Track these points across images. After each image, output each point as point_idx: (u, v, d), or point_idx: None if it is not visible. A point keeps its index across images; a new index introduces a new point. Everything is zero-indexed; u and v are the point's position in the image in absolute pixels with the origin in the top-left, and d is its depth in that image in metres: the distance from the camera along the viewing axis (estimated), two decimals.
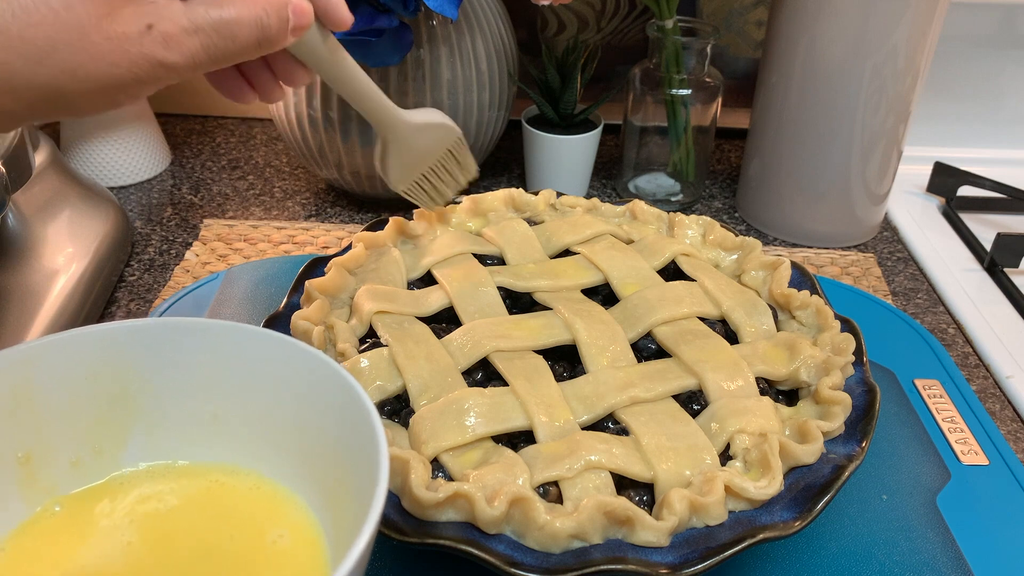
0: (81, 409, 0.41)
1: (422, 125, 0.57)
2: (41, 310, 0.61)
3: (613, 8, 0.98)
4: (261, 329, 0.41)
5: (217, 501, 0.41)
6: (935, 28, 0.73)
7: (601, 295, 0.57)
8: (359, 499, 0.34)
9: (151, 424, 0.42)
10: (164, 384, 0.42)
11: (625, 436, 0.45)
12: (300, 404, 0.40)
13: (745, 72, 1.01)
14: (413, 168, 0.59)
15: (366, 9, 0.66)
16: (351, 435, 0.37)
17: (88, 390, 0.41)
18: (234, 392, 0.42)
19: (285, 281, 0.69)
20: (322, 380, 0.39)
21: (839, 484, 0.43)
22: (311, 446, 0.40)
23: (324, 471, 0.39)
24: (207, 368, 0.41)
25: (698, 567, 0.39)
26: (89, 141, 0.86)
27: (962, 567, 0.48)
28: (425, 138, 0.58)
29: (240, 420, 0.42)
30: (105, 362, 0.41)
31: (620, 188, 0.91)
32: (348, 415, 0.37)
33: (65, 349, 0.40)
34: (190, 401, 0.42)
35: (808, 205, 0.82)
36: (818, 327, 0.54)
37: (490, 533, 0.40)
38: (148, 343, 0.41)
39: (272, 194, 0.89)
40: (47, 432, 0.40)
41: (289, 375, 0.40)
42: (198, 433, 0.42)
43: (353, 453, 0.37)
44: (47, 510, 0.40)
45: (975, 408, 0.60)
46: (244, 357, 0.41)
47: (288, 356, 0.40)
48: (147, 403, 0.42)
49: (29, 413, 0.39)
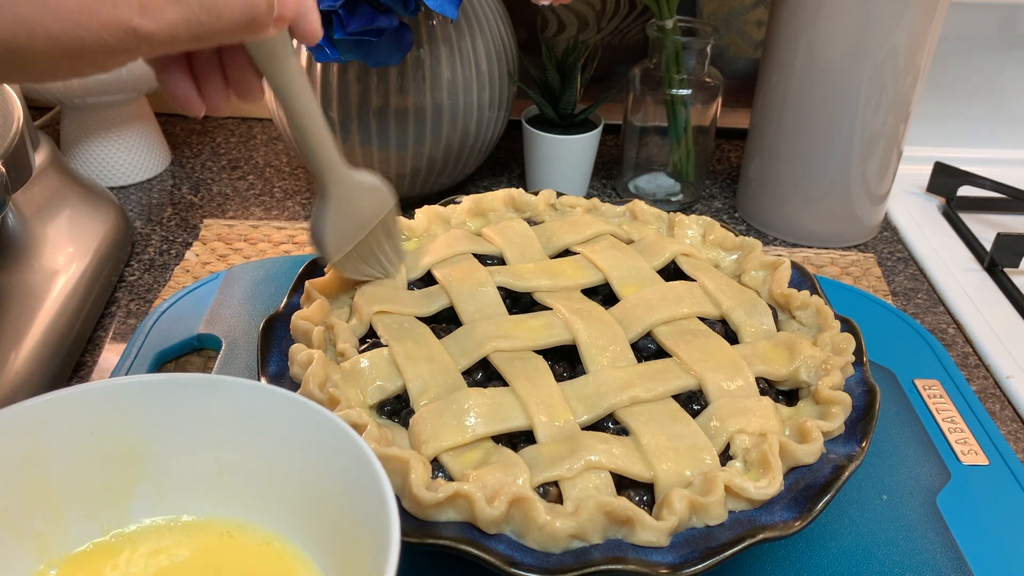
0: (87, 467, 0.40)
1: (365, 184, 0.52)
2: (41, 310, 0.61)
3: (613, 8, 0.98)
4: (269, 386, 0.40)
5: (228, 553, 0.40)
6: (935, 28, 0.73)
7: (601, 295, 0.57)
8: (371, 561, 0.34)
9: (155, 481, 0.41)
10: (171, 440, 0.40)
11: (625, 436, 0.45)
12: (307, 462, 0.39)
13: (745, 72, 1.01)
14: (348, 238, 0.52)
15: (366, 9, 0.66)
16: (359, 495, 0.36)
17: (94, 447, 0.39)
18: (240, 448, 0.41)
19: (285, 281, 0.69)
20: (329, 438, 0.38)
21: (839, 484, 0.43)
22: (318, 504, 0.39)
23: (332, 530, 0.38)
24: (214, 424, 0.40)
25: (698, 567, 0.39)
26: (89, 141, 0.86)
27: (962, 567, 0.48)
28: (365, 201, 0.53)
29: (246, 477, 0.41)
30: (113, 418, 0.39)
31: (620, 188, 0.91)
32: (356, 475, 0.36)
33: (74, 405, 0.39)
34: (196, 457, 0.41)
35: (808, 205, 0.82)
36: (818, 327, 0.54)
37: (490, 533, 0.40)
38: (156, 398, 0.40)
39: (272, 194, 0.89)
40: (51, 492, 0.39)
41: (296, 432, 0.39)
42: (203, 489, 0.41)
43: (362, 513, 0.36)
44: (44, 573, 0.38)
45: (975, 408, 0.60)
46: (251, 413, 0.40)
47: (295, 413, 0.39)
48: (152, 460, 0.41)
49: (35, 473, 0.38)
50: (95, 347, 0.66)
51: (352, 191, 0.51)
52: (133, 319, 0.69)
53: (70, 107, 0.85)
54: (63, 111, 0.86)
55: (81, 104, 0.84)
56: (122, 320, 0.69)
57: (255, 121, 1.05)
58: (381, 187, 0.53)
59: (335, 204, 0.51)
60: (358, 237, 0.53)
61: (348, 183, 0.51)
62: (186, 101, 0.42)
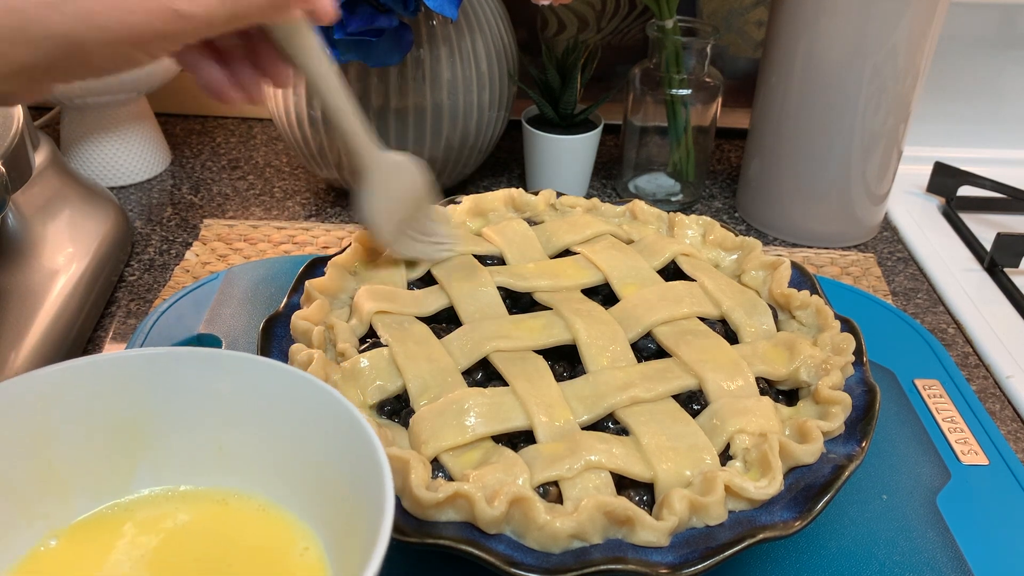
0: (91, 438, 0.40)
1: (399, 163, 0.54)
2: (41, 310, 0.61)
3: (613, 8, 0.98)
4: (269, 360, 0.40)
5: (226, 518, 0.40)
6: (935, 28, 0.73)
7: (601, 295, 0.57)
8: (366, 528, 0.34)
9: (156, 453, 0.42)
10: (172, 413, 0.41)
11: (625, 436, 0.45)
12: (304, 434, 0.40)
13: (745, 72, 1.01)
14: (397, 216, 0.54)
15: (366, 9, 0.66)
16: (356, 465, 0.37)
17: (100, 419, 0.40)
18: (240, 421, 0.41)
19: (285, 281, 0.69)
20: (327, 411, 0.38)
21: (839, 484, 0.43)
22: (315, 475, 0.40)
23: (329, 500, 0.39)
24: (215, 397, 0.41)
25: (698, 567, 0.39)
26: (89, 141, 0.86)
27: (962, 567, 0.48)
28: (403, 179, 0.54)
29: (244, 448, 0.42)
30: (118, 390, 0.40)
31: (620, 188, 0.91)
32: (353, 446, 0.37)
33: (83, 376, 0.39)
34: (196, 430, 0.41)
35: (808, 205, 0.82)
36: (818, 327, 0.54)
37: (490, 533, 0.40)
38: (161, 372, 0.40)
39: (272, 194, 0.89)
40: (55, 462, 0.39)
41: (294, 405, 0.40)
42: (202, 462, 0.42)
43: (358, 483, 0.36)
44: (44, 543, 0.39)
45: (975, 408, 0.60)
46: (251, 387, 0.41)
47: (294, 386, 0.40)
48: (154, 432, 0.41)
49: (41, 443, 0.39)
50: (95, 347, 0.66)
51: (390, 171, 0.53)
52: (133, 319, 0.69)
53: (70, 107, 0.85)
54: (63, 111, 0.86)
55: (81, 104, 0.84)
56: (122, 320, 0.69)
57: (255, 121, 1.05)
58: (413, 164, 0.55)
59: (378, 186, 0.53)
60: (405, 214, 0.55)
61: (384, 163, 0.53)
62: (223, 92, 0.45)
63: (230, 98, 0.45)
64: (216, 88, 0.44)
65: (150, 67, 0.43)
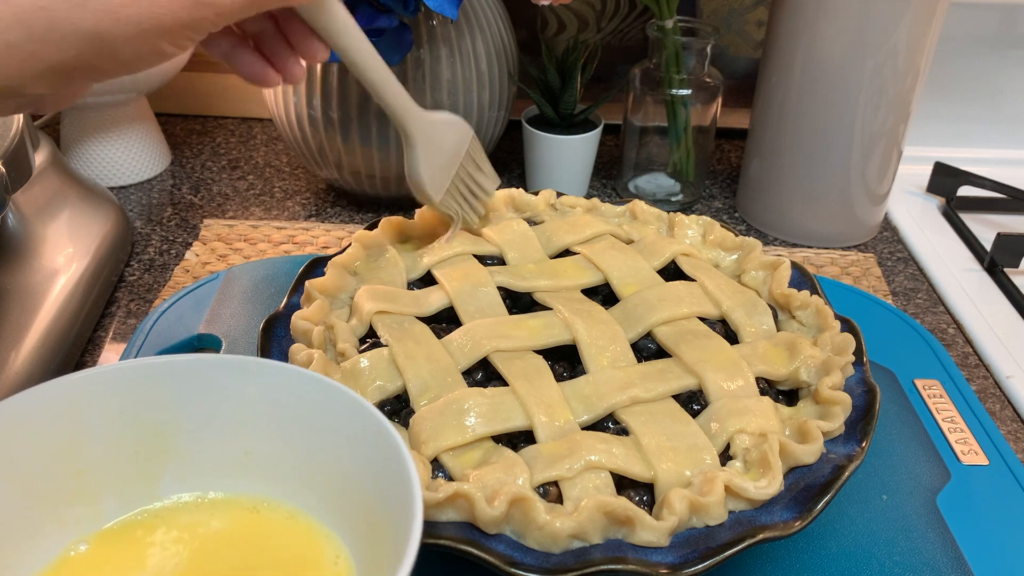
0: (119, 444, 0.40)
1: (443, 121, 0.55)
2: (41, 310, 0.61)
3: (613, 8, 0.98)
4: (296, 367, 0.40)
5: (257, 527, 0.40)
6: (935, 28, 0.73)
7: (601, 295, 0.57)
8: (393, 537, 0.34)
9: (183, 459, 0.41)
10: (200, 419, 0.41)
11: (625, 436, 0.45)
12: (331, 441, 0.40)
13: (745, 72, 1.01)
14: (443, 174, 0.55)
15: (366, 9, 0.66)
16: (383, 473, 0.36)
17: (127, 425, 0.40)
18: (266, 428, 0.41)
19: (285, 281, 0.69)
20: (354, 418, 0.38)
21: (839, 484, 0.43)
22: (342, 483, 0.39)
23: (356, 508, 0.39)
24: (241, 404, 0.41)
25: (698, 567, 0.39)
26: (89, 141, 0.86)
27: (962, 567, 0.48)
28: (447, 137, 0.55)
29: (271, 455, 0.41)
30: (144, 396, 0.40)
31: (620, 188, 0.91)
32: (380, 453, 0.37)
33: (109, 382, 0.39)
34: (223, 437, 0.41)
35: (808, 205, 0.82)
36: (818, 327, 0.54)
37: (490, 533, 0.40)
38: (189, 378, 0.40)
39: (272, 194, 0.89)
40: (84, 468, 0.39)
41: (321, 412, 0.40)
42: (229, 468, 0.42)
43: (386, 491, 0.36)
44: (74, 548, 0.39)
45: (975, 408, 0.60)
46: (278, 394, 0.40)
47: (321, 394, 0.39)
48: (182, 438, 0.41)
49: (70, 448, 0.39)
50: (95, 347, 0.66)
51: (433, 130, 0.54)
52: (133, 319, 0.69)
53: (70, 107, 0.85)
54: (63, 111, 0.86)
55: (81, 104, 0.84)
56: (122, 320, 0.69)
57: (255, 121, 1.05)
58: (457, 120, 0.55)
59: (422, 147, 0.53)
60: (452, 173, 0.55)
61: (427, 123, 0.53)
62: (262, 76, 0.46)
63: (271, 81, 0.46)
64: (256, 74, 0.45)
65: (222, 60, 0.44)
